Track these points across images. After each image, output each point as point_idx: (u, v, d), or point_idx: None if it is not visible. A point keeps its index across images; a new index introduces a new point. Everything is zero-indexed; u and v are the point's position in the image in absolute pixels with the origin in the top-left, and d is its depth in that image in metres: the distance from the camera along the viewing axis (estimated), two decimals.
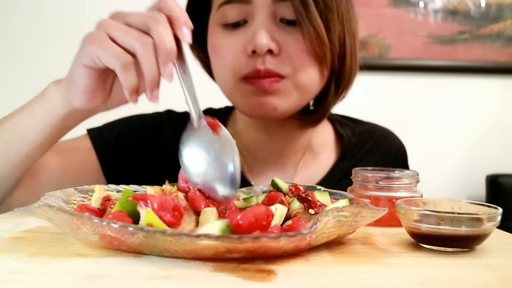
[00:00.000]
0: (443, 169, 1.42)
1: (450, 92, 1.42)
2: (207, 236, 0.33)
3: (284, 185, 0.52)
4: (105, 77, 0.55)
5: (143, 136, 0.80)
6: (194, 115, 0.48)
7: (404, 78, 1.42)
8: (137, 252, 0.37)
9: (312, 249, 0.40)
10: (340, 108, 1.31)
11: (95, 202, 0.46)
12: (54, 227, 0.41)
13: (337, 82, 0.73)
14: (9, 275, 0.32)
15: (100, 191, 0.48)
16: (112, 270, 0.33)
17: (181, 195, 0.41)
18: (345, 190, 0.73)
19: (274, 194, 0.48)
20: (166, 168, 0.75)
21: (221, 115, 0.84)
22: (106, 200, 0.46)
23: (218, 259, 0.36)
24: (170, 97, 1.06)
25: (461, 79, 1.43)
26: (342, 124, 0.85)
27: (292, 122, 0.74)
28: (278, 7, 0.64)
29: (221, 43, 0.68)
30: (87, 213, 0.41)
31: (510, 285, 0.33)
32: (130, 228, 0.34)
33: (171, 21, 0.48)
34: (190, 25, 0.49)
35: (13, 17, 1.28)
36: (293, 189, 0.50)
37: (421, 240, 0.44)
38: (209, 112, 0.86)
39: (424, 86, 1.42)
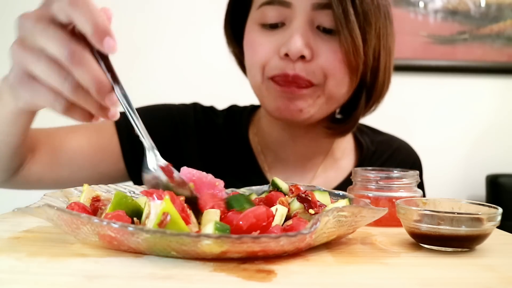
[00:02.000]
0: (443, 169, 1.42)
1: (450, 92, 1.42)
2: (207, 236, 0.33)
3: (284, 185, 0.52)
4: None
5: (167, 126, 0.80)
6: (146, 146, 0.46)
7: (404, 78, 1.42)
8: (137, 252, 0.37)
9: (312, 249, 0.40)
10: None
11: (84, 202, 0.45)
12: (54, 227, 0.41)
13: (368, 95, 0.74)
14: (9, 275, 0.32)
15: (88, 191, 0.47)
16: (112, 270, 0.33)
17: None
18: None
19: (274, 194, 0.48)
20: (185, 160, 0.73)
21: (246, 113, 0.84)
22: (96, 200, 0.45)
23: (218, 259, 0.36)
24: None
25: (461, 79, 1.43)
26: (362, 133, 0.86)
27: (319, 129, 0.75)
28: (317, 14, 0.65)
29: (257, 41, 0.69)
30: (79, 212, 0.41)
31: (510, 285, 0.33)
32: (130, 228, 0.34)
33: (88, 37, 0.41)
34: (109, 22, 0.42)
35: (12, 17, 1.28)
36: (293, 189, 0.50)
37: (421, 240, 0.44)
38: (234, 109, 0.85)
39: (424, 86, 1.42)
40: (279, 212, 0.42)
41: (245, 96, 0.85)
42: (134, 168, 0.75)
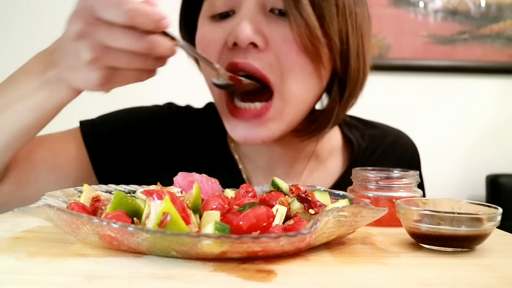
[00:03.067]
0: (443, 169, 1.42)
1: (450, 92, 1.42)
2: (207, 236, 0.33)
3: (284, 185, 0.52)
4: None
5: (139, 131, 0.74)
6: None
7: (404, 78, 1.42)
8: (137, 252, 0.37)
9: (312, 249, 0.40)
10: None
11: (83, 202, 0.45)
12: (54, 227, 0.41)
13: (341, 86, 0.64)
14: (9, 275, 0.32)
15: (88, 191, 0.47)
16: (112, 270, 0.33)
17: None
18: None
19: (274, 194, 0.48)
20: (161, 166, 0.72)
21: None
22: (96, 200, 0.45)
23: (218, 259, 0.36)
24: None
25: (461, 79, 1.43)
26: (351, 127, 0.77)
27: (290, 133, 0.66)
28: None
29: (205, 36, 0.62)
30: (79, 212, 0.41)
31: (510, 285, 0.33)
32: (130, 228, 0.34)
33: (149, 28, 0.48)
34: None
35: (13, 17, 1.28)
36: (293, 189, 0.50)
37: (421, 240, 0.44)
38: (211, 107, 0.78)
39: (424, 86, 1.42)
40: (279, 212, 0.42)
41: None
42: (105, 178, 0.69)
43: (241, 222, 0.38)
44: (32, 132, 0.56)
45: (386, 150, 0.76)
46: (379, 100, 1.38)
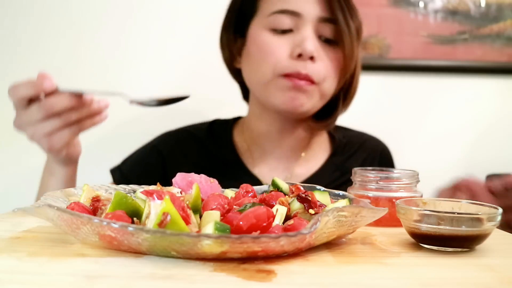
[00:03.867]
0: (443, 169, 1.41)
1: (450, 92, 1.42)
2: (207, 236, 0.33)
3: (284, 185, 0.52)
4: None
5: (157, 162, 0.91)
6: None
7: (404, 78, 1.42)
8: (137, 252, 0.37)
9: (312, 249, 0.40)
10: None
11: (84, 202, 0.46)
12: (54, 227, 0.41)
13: (345, 95, 0.87)
14: (9, 275, 0.32)
15: (88, 191, 0.47)
16: (112, 270, 0.33)
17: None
18: (337, 180, 0.89)
19: (274, 194, 0.48)
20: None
21: (230, 124, 0.95)
22: (96, 200, 0.45)
23: (218, 259, 0.36)
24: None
25: (461, 79, 1.43)
26: (336, 130, 0.98)
27: (303, 125, 0.89)
28: (321, 26, 0.79)
29: (270, 43, 0.79)
30: (79, 212, 0.41)
31: (510, 285, 0.33)
32: (130, 228, 0.34)
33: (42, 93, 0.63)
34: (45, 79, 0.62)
35: (14, 17, 1.28)
36: (293, 189, 0.50)
37: (421, 240, 0.44)
38: (217, 121, 0.97)
39: (424, 86, 1.42)
40: (279, 212, 0.42)
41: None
42: None
43: (241, 222, 0.38)
44: None
45: (361, 145, 0.96)
46: (379, 100, 1.38)
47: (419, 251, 0.42)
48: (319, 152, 0.93)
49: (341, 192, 0.53)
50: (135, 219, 0.40)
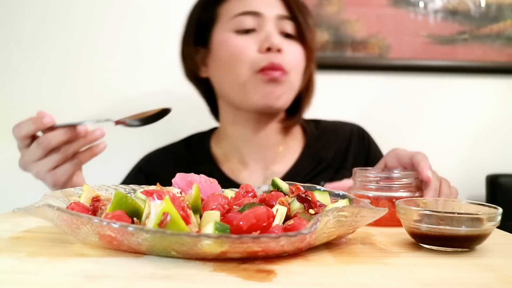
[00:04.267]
0: (443, 169, 1.41)
1: (450, 92, 1.42)
2: (207, 236, 0.33)
3: (284, 185, 0.52)
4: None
5: (143, 183, 0.96)
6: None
7: (404, 78, 1.41)
8: (137, 252, 0.37)
9: (312, 249, 0.40)
10: (341, 108, 1.31)
11: (83, 202, 0.46)
12: (54, 227, 0.41)
13: (307, 93, 0.95)
14: (9, 275, 0.32)
15: (88, 191, 0.47)
16: (112, 270, 0.33)
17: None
18: (314, 170, 0.93)
19: (274, 194, 0.48)
20: None
21: (206, 136, 1.00)
22: (96, 200, 0.45)
23: (218, 259, 0.36)
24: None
25: (461, 79, 1.43)
26: (308, 123, 1.03)
27: (274, 124, 0.94)
28: (281, 23, 0.86)
29: (238, 43, 0.85)
30: (79, 212, 0.40)
31: (510, 285, 0.33)
32: (130, 228, 0.34)
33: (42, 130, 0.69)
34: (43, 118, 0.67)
35: (13, 17, 1.28)
36: (293, 189, 0.50)
37: (421, 240, 0.44)
38: (194, 135, 1.02)
39: (424, 86, 1.42)
40: (279, 212, 0.42)
41: None
42: None
43: (241, 222, 0.38)
44: None
45: (333, 133, 1.01)
46: (379, 100, 1.38)
47: (419, 251, 0.42)
48: (293, 147, 0.97)
49: (341, 192, 0.53)
50: (135, 219, 0.40)
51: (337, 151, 0.96)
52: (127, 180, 0.98)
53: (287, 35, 0.87)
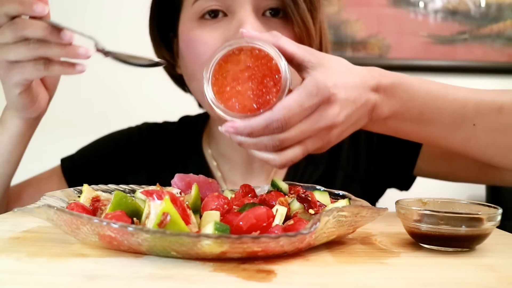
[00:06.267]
0: None
1: None
2: (207, 236, 0.33)
3: (284, 185, 0.52)
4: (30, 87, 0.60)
5: (113, 155, 0.81)
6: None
7: None
8: (137, 252, 0.37)
9: (312, 249, 0.40)
10: None
11: (83, 202, 0.46)
12: (54, 227, 0.41)
13: None
14: (9, 275, 0.32)
15: (88, 191, 0.47)
16: (112, 270, 0.33)
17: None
18: (313, 175, 0.76)
19: (274, 194, 0.48)
20: (131, 181, 0.74)
21: (200, 124, 0.82)
22: (96, 200, 0.45)
23: (218, 259, 0.36)
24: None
25: (461, 79, 1.43)
26: None
27: None
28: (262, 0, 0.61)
29: (198, 38, 0.64)
30: (79, 213, 0.41)
31: (510, 285, 0.33)
32: (130, 228, 0.34)
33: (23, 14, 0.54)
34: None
35: None
36: (293, 189, 0.50)
37: (421, 240, 0.44)
38: (186, 122, 0.85)
39: None
40: (279, 212, 0.42)
41: None
42: None
43: (241, 222, 0.38)
44: (5, 164, 0.65)
45: None
46: None
47: (419, 251, 0.42)
48: None
49: (341, 192, 0.53)
50: (135, 219, 0.40)
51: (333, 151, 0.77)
52: (93, 149, 0.83)
53: (273, 12, 0.63)
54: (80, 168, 0.79)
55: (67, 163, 0.80)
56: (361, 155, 0.79)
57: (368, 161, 0.78)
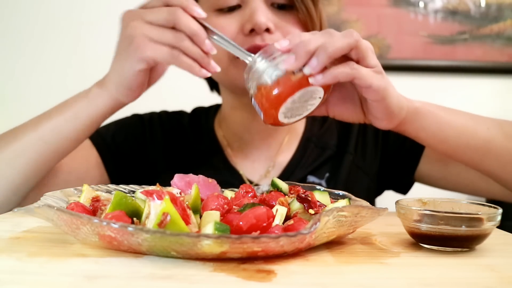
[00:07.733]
0: None
1: (450, 92, 1.42)
2: (207, 236, 0.33)
3: (284, 185, 0.52)
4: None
5: (135, 135, 0.85)
6: (247, 58, 0.56)
7: (404, 78, 1.41)
8: (137, 252, 0.37)
9: (312, 249, 0.40)
10: None
11: (83, 202, 0.46)
12: (54, 227, 0.41)
13: None
14: (9, 275, 0.32)
15: (88, 191, 0.47)
16: (112, 270, 0.33)
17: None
18: (318, 159, 0.81)
19: (274, 194, 0.48)
20: (154, 165, 0.84)
21: (212, 110, 0.90)
22: (96, 200, 0.45)
23: (218, 259, 0.36)
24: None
25: (461, 79, 1.43)
26: None
27: None
28: None
29: (216, 23, 0.71)
30: (79, 213, 0.41)
31: (510, 285, 0.33)
32: (130, 228, 0.34)
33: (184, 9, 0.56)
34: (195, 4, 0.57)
35: (12, 16, 1.28)
36: (293, 189, 0.50)
37: (421, 240, 0.44)
38: (199, 110, 0.93)
39: (424, 86, 1.42)
40: (279, 212, 0.42)
41: None
42: (115, 175, 0.81)
43: (241, 222, 0.38)
44: (72, 142, 0.64)
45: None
46: None
47: (419, 251, 0.42)
48: (296, 135, 0.86)
49: (341, 192, 0.53)
50: (135, 219, 0.40)
51: (340, 136, 0.85)
52: (120, 123, 0.87)
53: (281, 6, 0.72)
54: (107, 139, 0.82)
55: (93, 134, 0.78)
56: (368, 145, 0.83)
57: (374, 155, 0.83)
